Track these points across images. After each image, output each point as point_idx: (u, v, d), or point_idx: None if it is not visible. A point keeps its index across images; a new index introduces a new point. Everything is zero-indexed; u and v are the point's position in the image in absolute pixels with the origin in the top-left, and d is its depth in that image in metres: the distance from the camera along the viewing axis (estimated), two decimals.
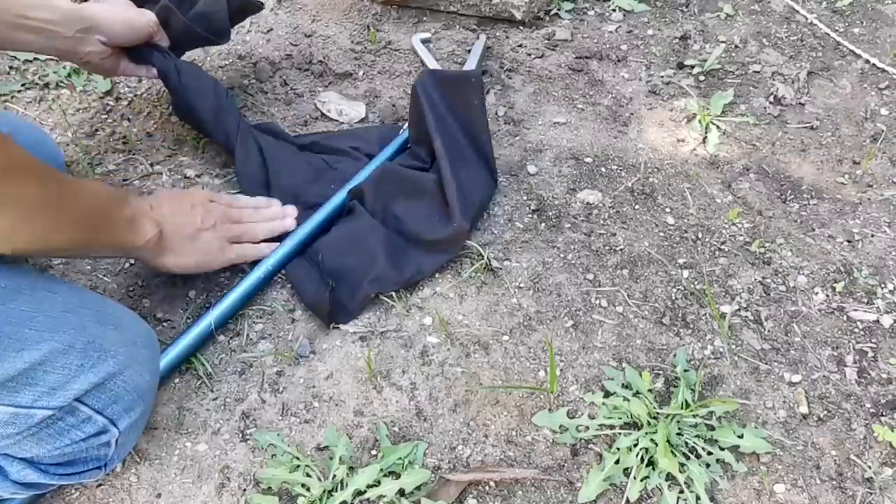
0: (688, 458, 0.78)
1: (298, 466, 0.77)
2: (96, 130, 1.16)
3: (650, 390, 0.84)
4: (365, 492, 0.75)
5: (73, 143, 1.13)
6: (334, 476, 0.76)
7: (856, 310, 0.95)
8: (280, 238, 0.96)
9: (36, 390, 0.63)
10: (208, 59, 1.31)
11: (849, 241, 1.04)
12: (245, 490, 0.77)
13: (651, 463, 0.78)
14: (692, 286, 0.97)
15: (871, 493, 0.78)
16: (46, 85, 1.23)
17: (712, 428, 0.81)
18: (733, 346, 0.90)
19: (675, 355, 0.89)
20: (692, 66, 1.31)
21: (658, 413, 0.81)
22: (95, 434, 0.69)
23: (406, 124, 1.15)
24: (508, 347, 0.90)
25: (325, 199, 1.01)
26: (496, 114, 1.22)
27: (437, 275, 0.97)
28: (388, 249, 0.94)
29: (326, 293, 0.88)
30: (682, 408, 0.82)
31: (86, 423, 0.68)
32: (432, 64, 1.28)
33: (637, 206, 1.07)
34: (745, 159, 1.16)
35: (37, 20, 0.87)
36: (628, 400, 0.82)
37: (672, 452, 0.77)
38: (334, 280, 0.91)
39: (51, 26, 0.89)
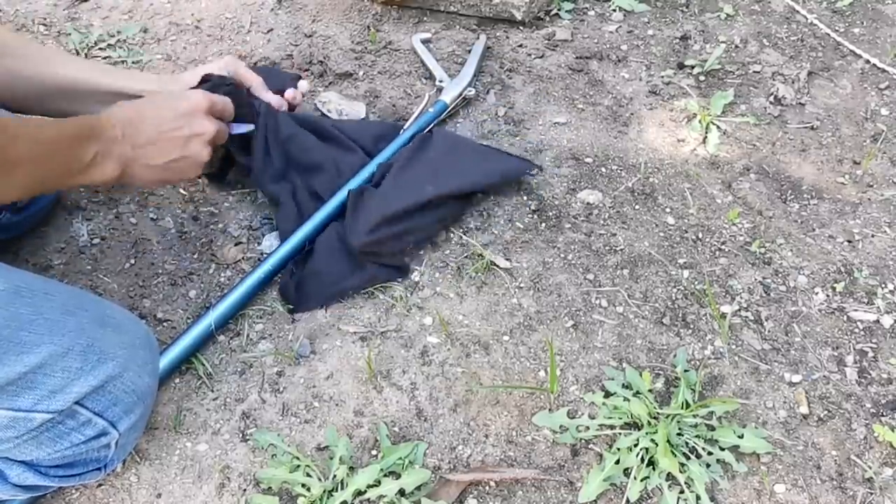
0: (688, 458, 0.78)
1: (298, 466, 0.77)
2: None
3: (650, 390, 0.84)
4: (365, 492, 0.75)
5: None
6: (334, 476, 0.76)
7: (856, 310, 0.95)
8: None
9: (35, 394, 0.63)
10: (208, 58, 1.31)
11: (849, 241, 1.03)
12: (245, 490, 0.77)
13: (651, 463, 0.78)
14: (692, 286, 0.97)
15: (871, 493, 0.78)
16: None
17: (712, 428, 0.81)
18: (733, 346, 0.90)
19: (675, 355, 0.89)
20: (692, 66, 1.31)
21: (658, 413, 0.81)
22: (95, 436, 0.69)
23: (406, 124, 1.15)
24: (509, 347, 0.90)
25: (330, 193, 1.02)
26: (496, 114, 1.22)
27: (437, 274, 0.97)
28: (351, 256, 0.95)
29: (292, 280, 0.92)
30: (682, 408, 0.82)
31: (86, 426, 0.68)
32: (432, 64, 1.27)
33: (637, 206, 1.07)
34: (745, 159, 1.16)
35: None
36: (628, 400, 0.82)
37: (672, 452, 0.77)
38: (309, 273, 0.93)
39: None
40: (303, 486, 0.75)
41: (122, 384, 0.69)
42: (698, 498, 0.75)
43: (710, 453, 0.79)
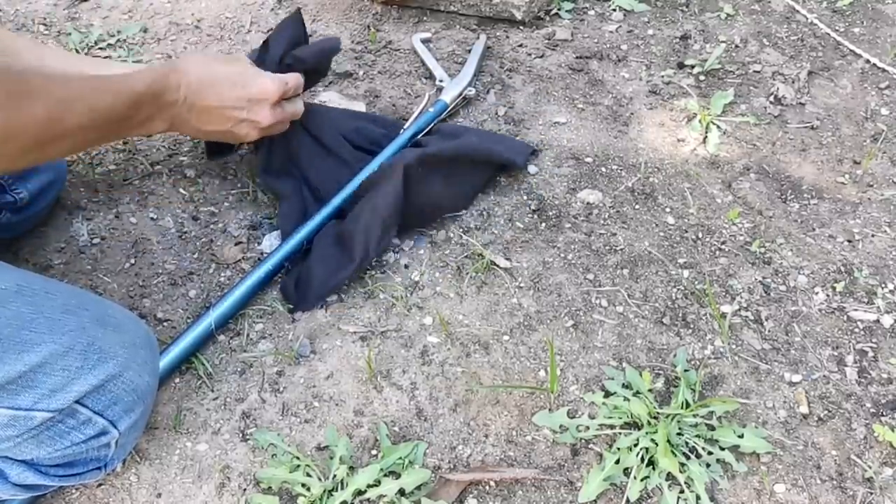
0: (688, 457, 0.78)
1: (298, 466, 0.77)
2: None
3: (650, 390, 0.84)
4: (365, 491, 0.75)
5: None
6: (334, 476, 0.76)
7: (856, 310, 0.95)
8: None
9: (36, 393, 0.63)
10: None
11: (849, 241, 1.03)
12: (245, 490, 0.77)
13: (651, 463, 0.78)
14: (692, 286, 0.97)
15: (871, 493, 0.78)
16: None
17: (712, 428, 0.81)
18: (733, 346, 0.90)
19: (675, 355, 0.89)
20: (692, 66, 1.31)
21: (658, 413, 0.81)
22: (95, 436, 0.69)
23: (406, 124, 1.15)
24: (509, 347, 0.90)
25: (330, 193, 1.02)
26: (496, 114, 1.22)
27: (437, 274, 0.97)
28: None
29: (291, 279, 0.93)
30: (682, 408, 0.82)
31: (86, 425, 0.68)
32: (432, 64, 1.27)
33: (637, 206, 1.07)
34: (745, 159, 1.16)
35: None
36: (628, 400, 0.82)
37: (672, 452, 0.77)
38: (307, 272, 0.93)
39: None
40: (303, 485, 0.75)
41: (122, 383, 0.69)
42: (698, 498, 0.75)
43: (710, 453, 0.79)
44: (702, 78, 1.30)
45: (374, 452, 0.80)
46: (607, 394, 0.84)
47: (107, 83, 0.74)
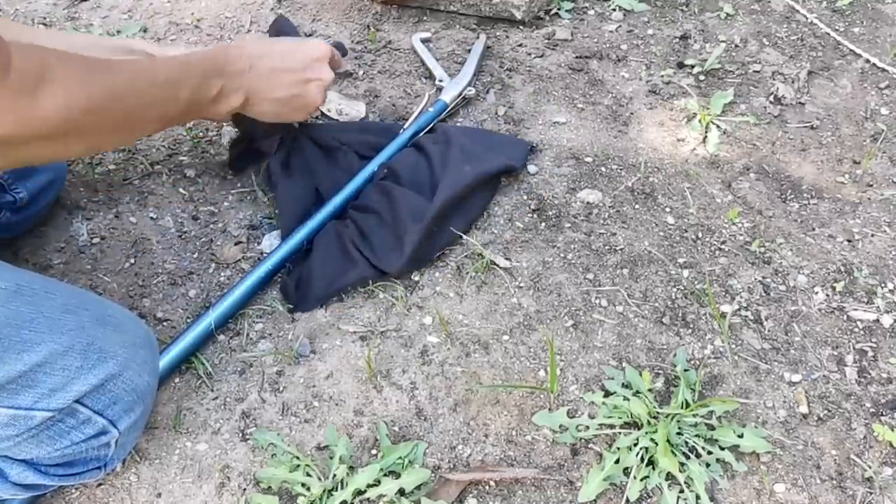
0: (688, 457, 0.78)
1: (298, 466, 0.77)
2: None
3: (650, 390, 0.84)
4: (365, 491, 0.75)
5: None
6: (334, 476, 0.76)
7: (856, 309, 0.95)
8: None
9: (35, 392, 0.63)
10: None
11: (849, 241, 1.03)
12: (245, 490, 0.77)
13: (651, 462, 0.78)
14: (692, 286, 0.97)
15: (871, 493, 0.78)
16: None
17: (712, 427, 0.81)
18: (733, 346, 0.90)
19: (675, 355, 0.89)
20: (692, 66, 1.31)
21: (658, 413, 0.81)
22: (95, 435, 0.69)
23: (406, 124, 1.15)
24: (508, 347, 0.90)
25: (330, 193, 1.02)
26: (496, 114, 1.22)
27: (437, 274, 0.97)
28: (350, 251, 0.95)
29: (292, 279, 0.93)
30: (682, 407, 0.82)
31: (86, 425, 0.68)
32: (432, 63, 1.27)
33: (637, 206, 1.07)
34: (745, 159, 1.16)
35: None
36: (628, 399, 0.82)
37: (672, 452, 0.77)
38: (308, 272, 0.93)
39: None
40: (303, 485, 0.75)
41: (122, 383, 0.69)
42: (698, 497, 0.75)
43: (709, 453, 0.79)
44: (702, 78, 1.30)
45: (374, 452, 0.80)
46: (607, 394, 0.84)
47: (170, 59, 0.75)
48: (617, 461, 0.77)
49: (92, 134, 0.67)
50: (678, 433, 0.80)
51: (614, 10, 1.45)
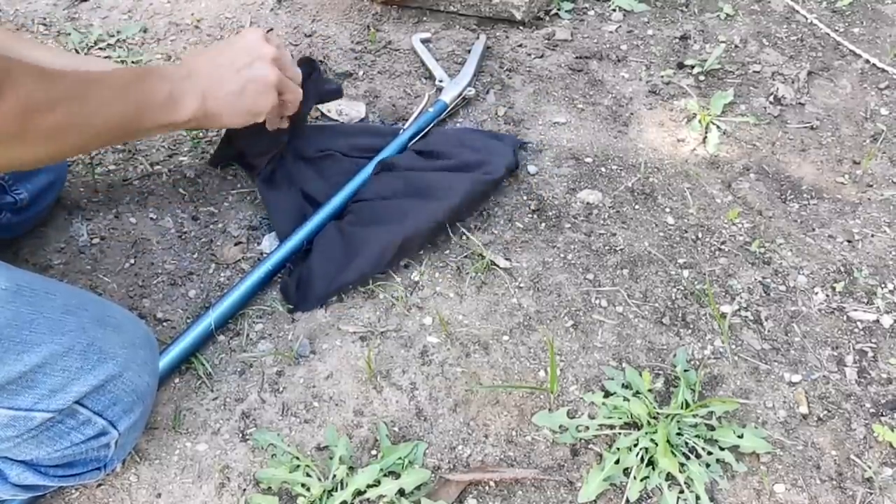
0: (688, 458, 0.78)
1: (298, 466, 0.77)
2: None
3: (650, 390, 0.84)
4: (365, 492, 0.75)
5: None
6: (334, 476, 0.76)
7: (856, 310, 0.95)
8: None
9: (35, 393, 0.63)
10: None
11: (849, 241, 1.03)
12: (245, 490, 0.77)
13: (651, 463, 0.78)
14: (692, 286, 0.97)
15: (871, 493, 0.78)
16: None
17: (712, 428, 0.81)
18: (733, 346, 0.90)
19: (675, 355, 0.89)
20: (692, 66, 1.31)
21: (658, 413, 0.81)
22: (95, 436, 0.69)
23: (405, 124, 1.15)
24: (508, 347, 0.90)
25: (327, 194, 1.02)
26: (496, 114, 1.22)
27: (437, 274, 0.97)
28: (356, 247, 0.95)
29: (292, 279, 0.93)
30: (682, 408, 0.82)
31: (85, 426, 0.68)
32: (432, 64, 1.27)
33: (637, 206, 1.07)
34: (745, 159, 1.16)
35: None
36: (628, 400, 0.82)
37: (672, 452, 0.77)
38: (308, 272, 0.93)
39: None
40: (302, 485, 0.75)
41: (121, 384, 0.69)
42: (698, 498, 0.75)
43: (709, 453, 0.79)
44: (701, 78, 1.30)
45: (373, 452, 0.80)
46: (607, 394, 0.84)
47: (119, 68, 0.77)
48: (617, 461, 0.77)
49: (48, 139, 0.67)
50: (678, 433, 0.80)
51: (614, 10, 1.45)
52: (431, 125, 1.14)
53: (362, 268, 0.93)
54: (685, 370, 0.86)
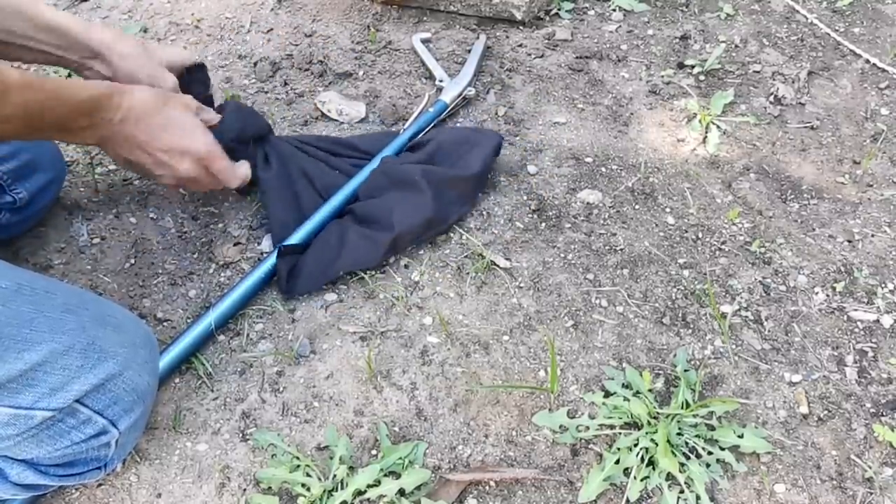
0: (688, 458, 0.78)
1: (298, 466, 0.77)
2: None
3: (650, 390, 0.84)
4: (365, 491, 0.75)
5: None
6: (334, 476, 0.76)
7: (856, 310, 0.95)
8: None
9: (36, 392, 0.63)
10: (209, 58, 1.31)
11: (849, 241, 1.03)
12: (245, 490, 0.77)
13: (651, 463, 0.78)
14: (692, 286, 0.97)
15: (871, 493, 0.78)
16: None
17: (712, 428, 0.81)
18: (733, 346, 0.90)
19: (675, 355, 0.89)
20: (692, 66, 1.31)
21: (658, 413, 0.81)
22: (95, 435, 0.69)
23: (406, 124, 1.15)
24: (508, 347, 0.90)
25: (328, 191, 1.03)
26: (496, 114, 1.22)
27: (437, 274, 0.97)
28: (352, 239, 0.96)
29: (286, 266, 0.92)
30: (682, 408, 0.81)
31: (86, 425, 0.68)
32: (432, 64, 1.27)
33: (637, 206, 1.07)
34: (745, 159, 1.16)
35: (44, 43, 0.88)
36: (628, 400, 0.82)
37: (672, 452, 0.77)
38: (302, 261, 0.94)
39: (57, 52, 0.90)
40: (303, 485, 0.75)
41: (122, 383, 0.69)
42: (698, 498, 0.75)
43: (710, 453, 0.79)
44: (702, 78, 1.30)
45: (374, 452, 0.80)
46: (607, 394, 0.84)
47: (52, 84, 0.75)
48: (617, 461, 0.77)
49: None
50: (678, 433, 0.80)
51: (614, 10, 1.45)
52: (431, 125, 1.14)
53: (354, 259, 0.94)
54: (685, 370, 0.86)
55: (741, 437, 0.79)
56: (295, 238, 0.96)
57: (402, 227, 0.95)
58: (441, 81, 1.23)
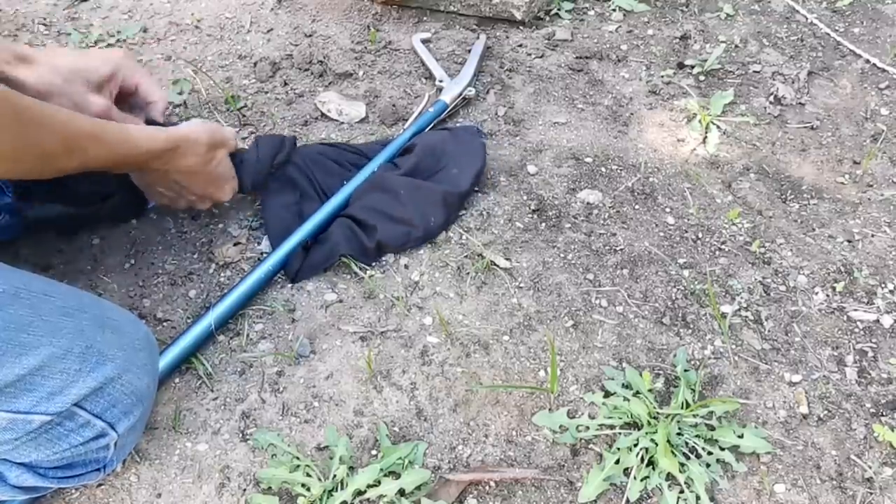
0: (688, 458, 0.78)
1: (298, 466, 0.77)
2: None
3: (650, 390, 0.84)
4: (365, 492, 0.75)
5: None
6: (334, 476, 0.76)
7: (856, 310, 0.95)
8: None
9: (34, 396, 0.63)
10: (209, 58, 1.31)
11: (849, 241, 1.03)
12: (245, 490, 0.77)
13: (651, 463, 0.78)
14: (692, 286, 0.97)
15: (871, 493, 0.78)
16: None
17: (712, 428, 0.81)
18: (733, 346, 0.90)
19: (675, 355, 0.89)
20: (692, 66, 1.31)
21: (658, 413, 0.81)
22: (94, 438, 0.69)
23: (406, 124, 1.15)
24: (508, 347, 0.90)
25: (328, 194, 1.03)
26: (496, 114, 1.22)
27: (437, 274, 0.97)
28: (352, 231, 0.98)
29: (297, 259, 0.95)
30: (682, 408, 0.81)
31: (84, 428, 0.68)
32: (432, 64, 1.27)
33: (637, 206, 1.07)
34: (745, 159, 1.16)
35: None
36: (628, 400, 0.82)
37: (672, 452, 0.77)
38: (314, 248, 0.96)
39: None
40: (303, 485, 0.75)
41: (121, 386, 0.69)
42: (698, 498, 0.75)
43: (709, 453, 0.79)
44: (702, 78, 1.30)
45: (374, 452, 0.80)
46: (607, 394, 0.84)
47: (115, 136, 0.77)
48: (617, 461, 0.77)
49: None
50: (678, 433, 0.80)
51: (614, 10, 1.45)
52: (431, 125, 1.14)
53: (350, 247, 0.96)
54: (685, 370, 0.86)
55: (741, 437, 0.79)
56: (295, 238, 0.96)
57: (384, 238, 0.97)
58: (441, 81, 1.23)
